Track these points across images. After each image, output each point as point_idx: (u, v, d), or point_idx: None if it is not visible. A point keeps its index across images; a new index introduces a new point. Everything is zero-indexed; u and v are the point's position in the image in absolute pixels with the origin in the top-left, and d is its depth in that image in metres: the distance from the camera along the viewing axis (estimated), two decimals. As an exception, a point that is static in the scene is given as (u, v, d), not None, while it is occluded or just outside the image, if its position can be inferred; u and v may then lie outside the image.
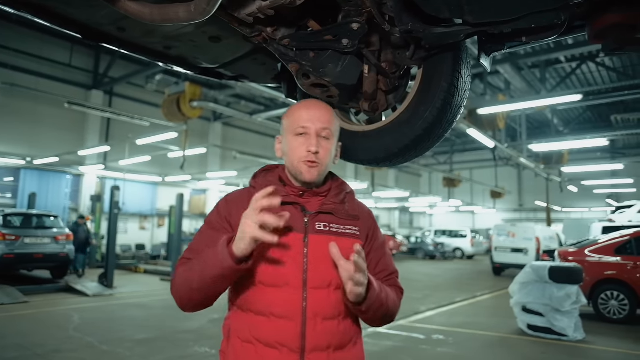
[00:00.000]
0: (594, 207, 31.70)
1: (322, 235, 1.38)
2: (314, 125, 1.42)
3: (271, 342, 1.30)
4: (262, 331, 1.32)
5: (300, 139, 1.42)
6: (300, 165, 1.41)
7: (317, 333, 1.31)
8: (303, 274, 1.34)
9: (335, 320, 1.35)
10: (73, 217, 17.99)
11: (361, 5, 1.53)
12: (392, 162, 1.94)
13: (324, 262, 1.34)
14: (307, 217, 1.41)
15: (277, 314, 1.31)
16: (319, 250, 1.36)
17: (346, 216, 1.45)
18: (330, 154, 1.45)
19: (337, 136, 1.51)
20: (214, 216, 1.46)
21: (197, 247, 1.40)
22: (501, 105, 12.20)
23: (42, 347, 5.67)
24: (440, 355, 5.89)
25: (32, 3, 1.65)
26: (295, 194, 1.45)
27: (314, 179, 1.42)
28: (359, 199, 1.58)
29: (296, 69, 1.77)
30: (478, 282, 14.68)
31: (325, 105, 1.50)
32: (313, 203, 1.45)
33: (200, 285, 1.31)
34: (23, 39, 15.78)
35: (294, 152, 1.43)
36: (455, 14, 1.41)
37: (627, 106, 20.03)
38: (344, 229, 1.43)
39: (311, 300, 1.32)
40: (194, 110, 12.11)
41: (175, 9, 1.42)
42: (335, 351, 1.34)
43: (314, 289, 1.33)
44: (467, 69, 1.83)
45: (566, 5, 1.29)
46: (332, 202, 1.45)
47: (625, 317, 7.97)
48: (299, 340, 1.30)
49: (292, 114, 1.47)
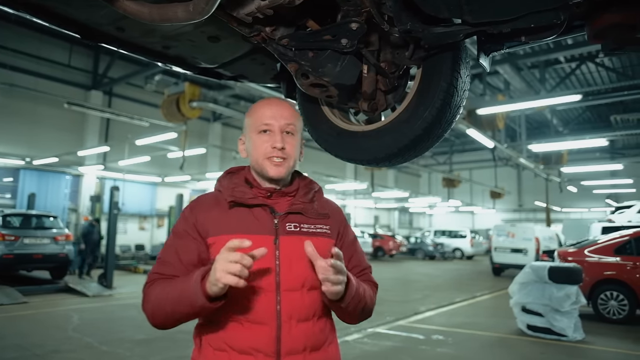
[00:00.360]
0: (593, 207, 31.74)
1: (293, 236, 1.37)
2: (278, 121, 1.41)
3: (245, 349, 1.27)
4: (235, 338, 1.29)
5: (264, 136, 1.41)
6: (265, 162, 1.40)
7: (293, 336, 1.30)
8: (276, 276, 1.32)
9: (310, 322, 1.34)
10: (72, 217, 18.03)
11: (360, 5, 1.52)
12: (392, 162, 1.94)
13: (297, 264, 1.33)
14: (277, 219, 1.38)
15: (251, 320, 1.29)
16: (291, 252, 1.34)
17: (316, 215, 1.44)
18: (296, 149, 1.44)
19: (301, 133, 1.50)
20: (181, 225, 1.41)
21: (166, 257, 1.37)
22: (500, 106, 12.21)
23: (41, 348, 5.67)
24: (440, 355, 5.89)
25: (31, 3, 1.64)
26: (263, 196, 1.42)
27: (281, 175, 1.41)
28: (358, 199, 1.58)
29: (295, 68, 1.77)
30: (477, 282, 14.69)
31: (288, 102, 1.50)
32: (282, 204, 1.43)
33: (174, 315, 1.28)
34: (22, 39, 15.78)
35: (258, 150, 1.41)
36: (455, 13, 1.41)
37: (626, 106, 20.05)
38: (315, 228, 1.42)
39: (285, 303, 1.30)
40: (193, 111, 12.12)
41: (174, 9, 1.42)
42: (312, 352, 1.33)
43: (287, 291, 1.32)
44: (467, 69, 1.83)
45: (565, 4, 1.29)
46: (301, 202, 1.44)
47: (624, 317, 7.97)
48: (274, 345, 1.28)
49: (255, 112, 1.46)
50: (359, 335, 6.75)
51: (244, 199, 1.38)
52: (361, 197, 30.61)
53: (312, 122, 2.14)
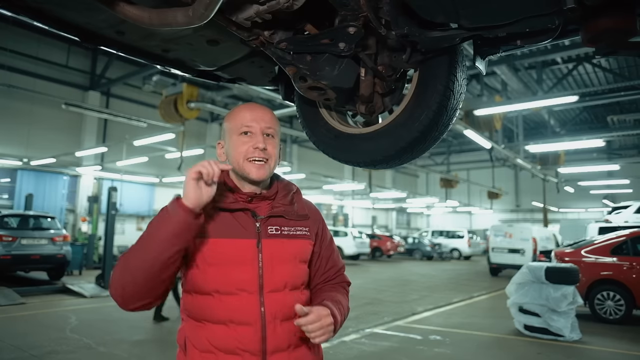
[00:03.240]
0: (590, 207, 31.83)
1: (274, 239, 1.40)
2: (259, 124, 1.44)
3: (232, 349, 1.31)
4: (222, 339, 1.31)
5: (244, 138, 1.43)
6: (246, 164, 1.41)
7: (277, 335, 1.34)
8: (259, 279, 1.35)
9: (293, 320, 1.36)
10: (70, 218, 18.00)
11: (357, 9, 1.54)
12: (389, 164, 1.96)
13: (279, 266, 1.37)
14: (259, 222, 1.41)
15: (237, 321, 1.32)
16: (273, 254, 1.38)
17: (296, 217, 1.48)
18: (276, 151, 1.47)
19: (279, 138, 1.52)
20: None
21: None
22: (498, 106, 12.23)
23: (38, 349, 5.67)
24: (437, 355, 5.90)
25: (31, 6, 1.65)
26: (244, 200, 1.44)
27: (263, 177, 1.43)
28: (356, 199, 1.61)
29: (293, 72, 1.78)
30: (475, 282, 14.71)
31: (266, 107, 1.53)
32: (262, 207, 1.46)
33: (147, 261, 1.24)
34: (20, 40, 15.76)
35: (238, 151, 1.43)
36: (451, 18, 1.43)
37: (623, 107, 20.13)
38: (295, 230, 1.45)
39: (269, 304, 1.34)
40: (191, 112, 12.10)
41: (174, 13, 1.44)
42: (295, 349, 1.38)
43: (270, 292, 1.35)
44: (463, 72, 1.85)
45: (560, 9, 1.31)
46: (281, 204, 1.47)
47: (621, 317, 8.00)
48: (260, 344, 1.31)
49: (235, 116, 1.48)
50: (356, 335, 6.77)
51: (225, 203, 1.41)
52: (359, 198, 30.62)
53: (310, 124, 2.15)
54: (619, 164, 23.02)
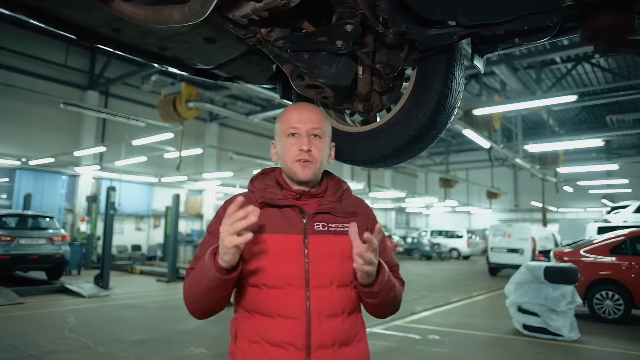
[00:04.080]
0: (589, 207, 31.82)
1: (321, 235, 1.42)
2: (305, 125, 1.45)
3: (278, 342, 1.34)
4: (268, 332, 1.35)
5: (292, 140, 1.46)
6: (294, 165, 1.44)
7: (322, 331, 1.35)
8: (305, 274, 1.37)
9: (340, 318, 1.38)
10: (69, 218, 17.99)
11: (355, 7, 1.53)
12: (387, 162, 1.96)
13: (325, 262, 1.38)
14: (306, 219, 1.43)
15: (283, 315, 1.35)
16: (319, 251, 1.39)
17: (344, 214, 1.48)
18: (324, 152, 1.48)
19: (330, 136, 1.53)
20: (214, 224, 1.48)
21: (200, 255, 1.44)
22: (497, 106, 12.23)
23: (37, 349, 5.65)
24: (436, 355, 5.90)
25: (28, 5, 1.65)
26: (293, 197, 1.48)
27: (309, 177, 1.44)
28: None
29: (291, 70, 1.78)
30: (474, 282, 14.72)
31: (316, 107, 1.53)
32: (311, 204, 1.48)
33: (201, 295, 1.35)
34: (19, 40, 15.73)
35: (287, 153, 1.46)
36: (449, 16, 1.42)
37: (622, 107, 20.13)
38: (343, 227, 1.45)
39: (314, 300, 1.35)
40: (190, 111, 12.09)
41: (170, 11, 1.43)
42: (341, 347, 1.38)
43: (316, 288, 1.37)
44: (461, 71, 1.84)
45: (558, 7, 1.30)
46: (330, 202, 1.48)
47: (620, 317, 7.99)
48: (305, 339, 1.33)
49: (284, 118, 1.50)
50: (355, 335, 6.76)
51: (275, 200, 1.44)
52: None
53: None
54: (618, 164, 23.00)
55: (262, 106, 19.84)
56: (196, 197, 22.90)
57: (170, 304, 9.54)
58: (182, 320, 7.54)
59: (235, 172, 20.28)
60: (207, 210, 23.06)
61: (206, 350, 5.78)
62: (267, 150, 24.53)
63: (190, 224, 22.79)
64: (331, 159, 1.55)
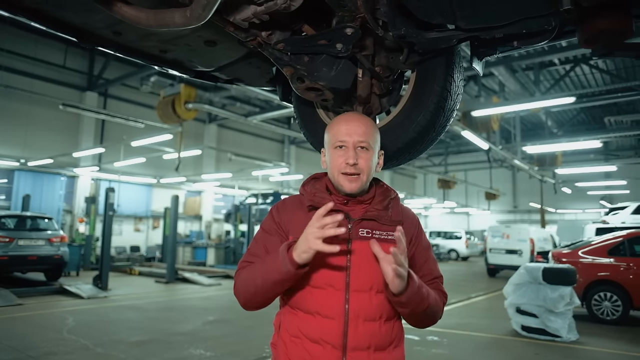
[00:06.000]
0: (587, 208, 31.85)
1: (365, 241, 1.43)
2: (352, 138, 1.47)
3: (316, 339, 1.40)
4: (308, 328, 1.42)
5: (339, 152, 1.48)
6: (340, 177, 1.48)
7: (359, 333, 1.39)
8: (346, 277, 1.42)
9: (377, 322, 1.42)
10: (67, 219, 17.97)
11: (355, 10, 1.54)
12: (387, 164, 1.97)
13: (367, 267, 1.41)
14: (351, 224, 1.47)
15: (322, 314, 1.41)
16: (362, 256, 1.43)
17: (389, 222, 1.50)
18: (371, 163, 1.49)
19: (378, 145, 1.55)
20: (268, 222, 1.55)
21: (255, 250, 1.52)
22: (495, 108, 12.24)
23: (36, 350, 5.65)
24: (435, 356, 5.91)
25: (29, 7, 1.65)
26: (340, 202, 1.51)
27: (354, 190, 1.47)
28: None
29: (291, 72, 1.79)
30: (472, 283, 14.73)
31: (364, 118, 1.54)
32: (357, 210, 1.51)
33: (263, 287, 1.41)
34: (17, 40, 15.72)
35: (334, 164, 1.50)
36: (448, 19, 1.44)
37: (620, 108, 20.17)
38: (387, 235, 1.48)
39: (353, 302, 1.40)
40: (189, 112, 12.09)
41: (171, 14, 1.44)
42: (376, 351, 1.42)
43: (356, 291, 1.41)
44: (460, 73, 1.85)
45: (556, 11, 1.32)
46: (376, 209, 1.51)
47: (618, 318, 8.01)
48: (341, 339, 1.38)
49: (332, 129, 1.53)
50: (354, 336, 6.76)
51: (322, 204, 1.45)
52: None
53: (307, 125, 2.16)
54: (616, 165, 23.04)
55: (260, 107, 19.85)
56: (195, 197, 22.88)
57: (169, 305, 9.53)
58: (180, 321, 7.54)
59: (233, 173, 20.29)
60: (206, 211, 23.05)
61: (204, 351, 5.78)
62: (265, 151, 24.59)
63: (188, 225, 22.77)
64: (379, 167, 1.57)
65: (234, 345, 6.07)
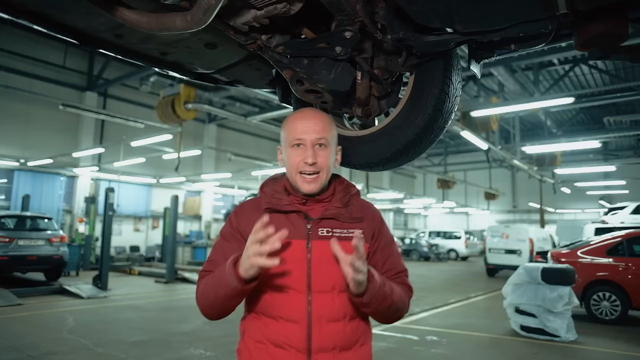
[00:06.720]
0: (587, 208, 31.88)
1: (325, 240, 1.41)
2: (309, 136, 1.44)
3: (280, 343, 1.38)
4: (272, 333, 1.40)
5: (297, 150, 1.46)
6: (298, 177, 1.45)
7: (323, 334, 1.37)
8: (307, 278, 1.39)
9: (341, 322, 1.40)
10: (67, 219, 17.97)
11: (354, 14, 1.56)
12: (385, 166, 1.98)
13: (328, 267, 1.39)
14: (310, 224, 1.44)
15: (285, 317, 1.38)
16: (322, 256, 1.40)
17: (350, 219, 1.48)
18: (329, 161, 1.47)
19: (335, 142, 1.53)
20: (227, 228, 1.52)
21: (214, 258, 1.48)
22: (495, 108, 12.25)
23: (36, 350, 5.66)
24: (434, 356, 5.92)
25: (32, 10, 1.67)
26: (299, 202, 1.49)
27: (312, 191, 1.45)
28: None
29: (290, 75, 1.80)
30: (472, 283, 14.75)
31: (321, 114, 1.52)
32: (316, 209, 1.49)
33: (216, 302, 1.40)
34: (16, 40, 15.72)
35: (291, 163, 1.47)
36: (445, 23, 1.45)
37: (619, 108, 20.19)
38: (348, 232, 1.45)
39: (316, 304, 1.38)
40: (188, 112, 12.09)
41: (172, 18, 1.45)
42: (342, 352, 1.40)
43: (318, 292, 1.39)
44: (458, 76, 1.87)
45: (553, 15, 1.33)
46: (335, 207, 1.48)
47: (616, 317, 8.03)
48: (306, 342, 1.36)
49: (288, 126, 1.49)
50: (353, 336, 6.77)
51: (280, 206, 1.47)
52: (356, 199, 30.51)
53: None
54: (615, 165, 23.07)
55: (260, 107, 19.85)
56: (194, 197, 22.89)
57: (168, 305, 9.55)
58: (180, 321, 7.55)
59: (233, 173, 20.30)
60: (206, 211, 23.05)
61: (204, 351, 5.79)
62: (265, 151, 24.56)
63: (188, 225, 22.78)
64: (337, 163, 1.55)
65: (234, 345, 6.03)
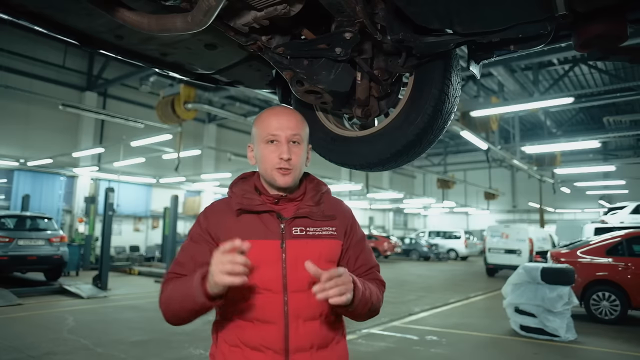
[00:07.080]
0: (586, 208, 31.90)
1: (299, 239, 1.42)
2: (284, 132, 1.44)
3: (256, 346, 1.36)
4: (247, 335, 1.37)
5: (271, 147, 1.45)
6: (274, 172, 1.44)
7: (300, 334, 1.37)
8: (283, 278, 1.38)
9: (317, 321, 1.40)
10: (67, 218, 17.97)
11: (353, 15, 1.56)
12: (385, 166, 1.99)
13: (302, 266, 1.35)
14: (284, 223, 1.43)
15: (261, 319, 1.37)
16: (297, 255, 1.40)
17: (322, 217, 1.48)
18: (302, 158, 1.48)
19: (307, 139, 1.53)
20: (195, 229, 1.49)
21: (182, 260, 1.45)
22: (494, 108, 12.25)
23: (36, 350, 5.66)
24: (434, 356, 5.93)
25: (33, 11, 1.67)
26: (271, 202, 1.48)
27: (289, 184, 1.45)
28: (353, 200, 1.61)
29: (290, 76, 1.81)
30: (471, 283, 14.76)
31: (294, 111, 1.53)
32: (289, 209, 1.48)
33: (181, 311, 1.36)
34: (16, 40, 15.72)
35: (266, 160, 1.45)
36: (445, 24, 1.46)
37: (618, 108, 20.21)
38: (321, 230, 1.46)
39: (292, 304, 1.37)
40: (188, 112, 12.09)
41: (173, 20, 1.46)
42: (319, 350, 1.40)
43: (294, 292, 1.38)
44: (458, 76, 1.88)
45: (552, 16, 1.34)
46: (307, 206, 1.48)
47: (616, 317, 8.04)
48: (283, 342, 1.35)
49: (262, 123, 1.48)
50: (353, 336, 6.79)
51: (252, 206, 1.45)
52: (356, 199, 30.60)
53: None
54: (615, 165, 23.07)
55: (260, 107, 19.86)
56: (194, 197, 22.88)
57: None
58: (180, 321, 7.55)
59: (233, 173, 20.25)
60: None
61: (204, 351, 5.79)
62: (265, 151, 24.52)
63: (188, 225, 22.74)
64: (308, 162, 1.54)
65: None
